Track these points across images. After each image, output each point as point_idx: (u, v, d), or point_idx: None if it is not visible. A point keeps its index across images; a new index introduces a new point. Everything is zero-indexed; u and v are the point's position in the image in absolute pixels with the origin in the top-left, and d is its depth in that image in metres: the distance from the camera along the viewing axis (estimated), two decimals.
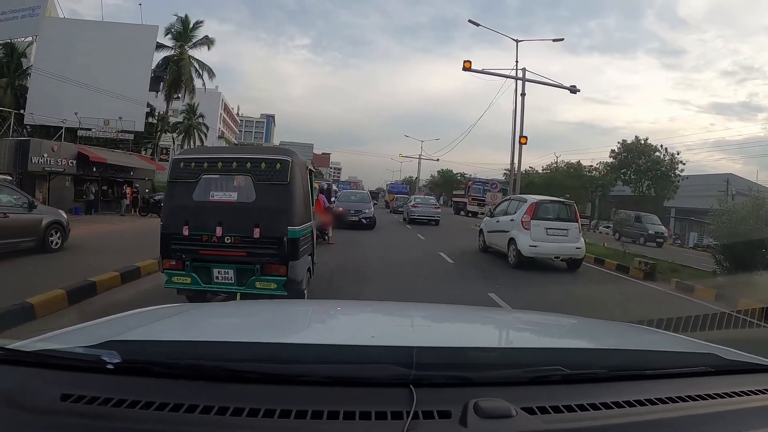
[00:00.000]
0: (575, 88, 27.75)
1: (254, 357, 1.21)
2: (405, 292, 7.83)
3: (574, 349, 1.70)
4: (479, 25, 26.49)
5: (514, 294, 8.79)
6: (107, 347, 1.18)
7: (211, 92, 50.39)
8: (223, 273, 5.90)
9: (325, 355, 1.23)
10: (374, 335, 1.63)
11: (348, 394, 1.10)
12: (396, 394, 1.08)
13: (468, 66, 23.65)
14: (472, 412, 1.01)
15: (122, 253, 9.78)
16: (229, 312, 2.34)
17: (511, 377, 1.21)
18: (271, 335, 1.69)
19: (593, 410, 1.09)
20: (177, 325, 1.78)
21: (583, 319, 2.43)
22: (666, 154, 41.17)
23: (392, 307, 2.61)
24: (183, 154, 6.93)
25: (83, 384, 1.10)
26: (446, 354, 1.33)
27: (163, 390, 1.09)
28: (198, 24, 36.00)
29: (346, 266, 10.66)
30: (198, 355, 1.22)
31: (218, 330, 1.79)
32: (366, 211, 20.54)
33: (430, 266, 11.74)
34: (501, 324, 2.27)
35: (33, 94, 29.19)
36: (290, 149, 6.63)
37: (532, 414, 1.05)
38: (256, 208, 5.86)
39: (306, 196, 6.75)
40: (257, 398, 1.05)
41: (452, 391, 1.11)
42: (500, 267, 11.94)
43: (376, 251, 13.89)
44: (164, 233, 5.99)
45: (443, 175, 79.81)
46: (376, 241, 16.59)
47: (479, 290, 8.67)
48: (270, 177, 5.94)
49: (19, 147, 21.40)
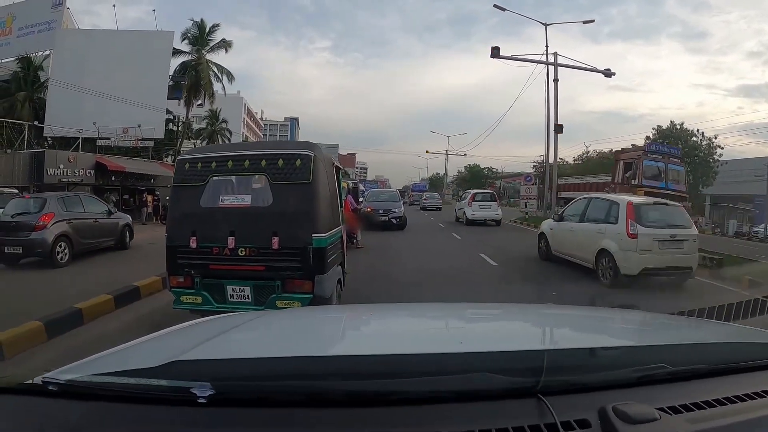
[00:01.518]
0: (609, 71, 26.54)
1: (350, 373, 1.09)
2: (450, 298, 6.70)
3: (675, 345, 1.47)
4: (505, 10, 25.18)
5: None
6: (174, 368, 1.05)
7: (234, 97, 50.08)
8: (239, 291, 5.06)
9: (426, 366, 1.11)
10: (462, 341, 1.59)
11: (458, 410, 0.98)
12: (518, 406, 0.99)
13: (496, 52, 22.43)
14: (615, 418, 0.94)
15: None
16: (286, 320, 2.07)
17: (619, 378, 1.11)
18: (354, 346, 1.59)
19: (720, 406, 1.04)
20: (247, 338, 1.60)
21: (662, 315, 2.33)
22: (703, 138, 39.08)
23: (452, 309, 2.36)
24: (189, 153, 5.98)
25: (159, 418, 0.97)
26: (579, 356, 1.21)
27: (252, 421, 0.96)
28: (214, 27, 35.41)
29: (379, 272, 9.75)
30: (287, 373, 1.09)
31: (294, 343, 1.58)
32: (396, 211, 19.38)
33: (473, 271, 10.44)
34: (583, 322, 1.97)
35: (51, 107, 29.06)
36: (312, 143, 5.58)
37: (676, 413, 1.00)
38: (274, 214, 4.99)
39: (333, 196, 5.74)
40: (360, 423, 0.96)
41: (577, 398, 1.04)
42: (556, 272, 10.54)
43: (409, 254, 12.81)
44: (169, 246, 5.21)
45: (471, 170, 78.33)
46: (408, 242, 15.46)
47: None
48: (289, 176, 5.02)
49: (34, 159, 21.16)
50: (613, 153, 44.81)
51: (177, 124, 35.88)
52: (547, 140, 25.82)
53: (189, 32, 34.45)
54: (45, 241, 9.82)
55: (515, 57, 23.93)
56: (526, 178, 36.32)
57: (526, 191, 31.71)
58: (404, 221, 19.49)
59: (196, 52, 34.59)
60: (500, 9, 25.01)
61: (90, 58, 29.17)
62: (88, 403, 1.01)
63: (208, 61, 35.03)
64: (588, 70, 25.51)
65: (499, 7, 24.86)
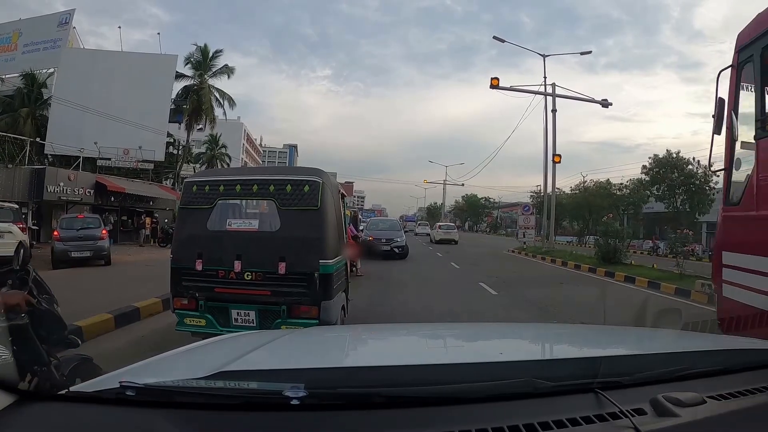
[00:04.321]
0: (607, 102, 26.87)
1: (419, 380, 1.19)
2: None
3: (704, 351, 1.72)
4: (504, 41, 25.63)
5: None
6: (221, 378, 1.09)
7: (234, 123, 50.26)
8: (243, 315, 5.00)
9: (483, 373, 1.25)
10: (502, 352, 1.77)
11: (523, 405, 1.11)
12: (580, 400, 1.14)
13: (496, 83, 22.81)
14: (668, 404, 1.09)
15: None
16: (319, 336, 2.25)
17: (661, 376, 1.28)
18: (412, 357, 1.70)
19: (742, 397, 1.22)
20: (284, 351, 1.67)
21: (666, 330, 2.70)
22: (699, 167, 39.27)
23: (471, 327, 2.82)
24: (197, 176, 6.02)
25: (247, 425, 1.01)
26: (630, 362, 1.47)
27: (339, 424, 1.04)
28: (217, 53, 35.86)
29: (383, 296, 9.84)
30: (366, 382, 1.19)
31: (346, 355, 1.78)
32: (398, 240, 19.32)
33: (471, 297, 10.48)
34: (604, 336, 2.30)
35: (53, 124, 29.06)
36: (320, 169, 5.58)
37: (719, 399, 1.18)
38: (282, 239, 4.96)
39: (339, 223, 5.74)
40: (447, 420, 1.05)
41: (629, 392, 1.18)
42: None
43: (410, 281, 12.84)
44: (174, 267, 5.17)
45: (468, 200, 78.57)
46: (406, 269, 15.47)
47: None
48: (297, 201, 5.00)
49: (35, 176, 21.09)
50: (606, 182, 45.52)
51: (177, 148, 35.94)
52: (545, 169, 26.02)
53: (192, 57, 34.89)
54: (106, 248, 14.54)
55: (514, 88, 24.27)
56: (524, 208, 36.26)
57: (524, 221, 31.77)
58: (406, 250, 19.36)
59: (198, 76, 34.92)
60: (500, 41, 25.46)
61: (93, 78, 29.27)
62: (165, 410, 1.03)
63: (210, 86, 35.37)
64: (585, 100, 25.89)
65: (499, 38, 25.31)
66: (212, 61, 35.39)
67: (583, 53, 27.36)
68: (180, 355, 1.52)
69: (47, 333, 2.51)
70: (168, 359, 1.46)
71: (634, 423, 1.01)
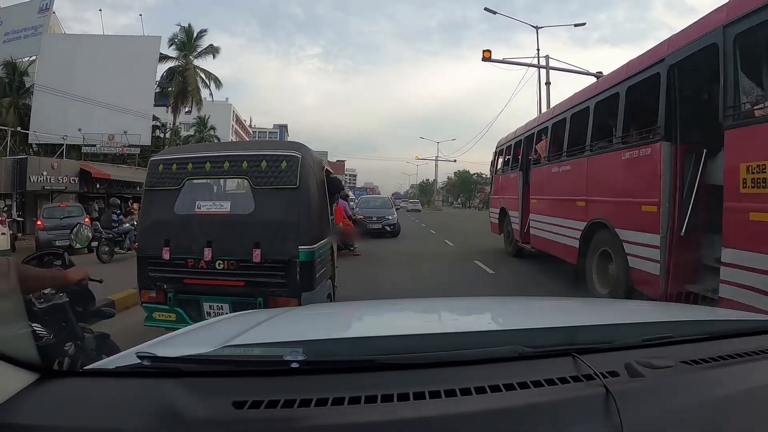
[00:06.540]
0: (601, 75, 26.22)
1: (418, 348, 1.30)
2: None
3: (680, 322, 1.82)
4: (496, 13, 24.95)
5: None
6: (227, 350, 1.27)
7: (222, 104, 49.42)
8: (216, 308, 4.51)
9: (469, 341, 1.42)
10: (491, 322, 2.06)
11: (505, 368, 1.19)
12: (558, 363, 1.19)
13: (488, 56, 22.16)
14: (640, 366, 1.15)
15: None
16: (321, 311, 2.51)
17: (635, 343, 1.33)
18: (408, 329, 1.85)
19: (713, 362, 1.24)
20: (285, 327, 1.82)
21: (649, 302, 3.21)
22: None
23: (464, 301, 2.96)
24: (163, 154, 5.41)
25: (253, 389, 1.07)
26: (608, 330, 1.58)
27: (340, 385, 1.10)
28: (202, 33, 35.04)
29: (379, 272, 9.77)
30: (366, 350, 1.31)
31: (351, 328, 1.96)
32: (389, 218, 19.02)
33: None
34: (586, 307, 2.50)
35: (36, 113, 28.42)
36: (300, 143, 5.06)
37: (692, 364, 1.22)
38: (256, 223, 4.45)
39: (322, 203, 5.12)
40: (441, 380, 1.11)
41: (604, 356, 1.23)
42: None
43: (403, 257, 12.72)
44: (140, 257, 4.74)
45: (460, 176, 78.03)
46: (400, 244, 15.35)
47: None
48: (273, 180, 4.49)
49: (17, 166, 20.58)
50: None
51: (165, 131, 35.28)
52: None
53: (176, 38, 34.19)
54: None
55: (506, 60, 23.63)
56: None
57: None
58: (398, 228, 19.14)
59: (183, 57, 34.27)
60: (491, 12, 24.71)
61: (76, 64, 28.66)
62: (177, 379, 1.11)
63: (195, 67, 34.67)
64: (579, 72, 25.20)
65: (490, 10, 24.55)
66: (197, 41, 34.66)
67: (576, 25, 26.56)
68: (188, 334, 1.69)
69: (83, 308, 2.69)
70: (177, 337, 1.61)
71: (605, 383, 1.06)
